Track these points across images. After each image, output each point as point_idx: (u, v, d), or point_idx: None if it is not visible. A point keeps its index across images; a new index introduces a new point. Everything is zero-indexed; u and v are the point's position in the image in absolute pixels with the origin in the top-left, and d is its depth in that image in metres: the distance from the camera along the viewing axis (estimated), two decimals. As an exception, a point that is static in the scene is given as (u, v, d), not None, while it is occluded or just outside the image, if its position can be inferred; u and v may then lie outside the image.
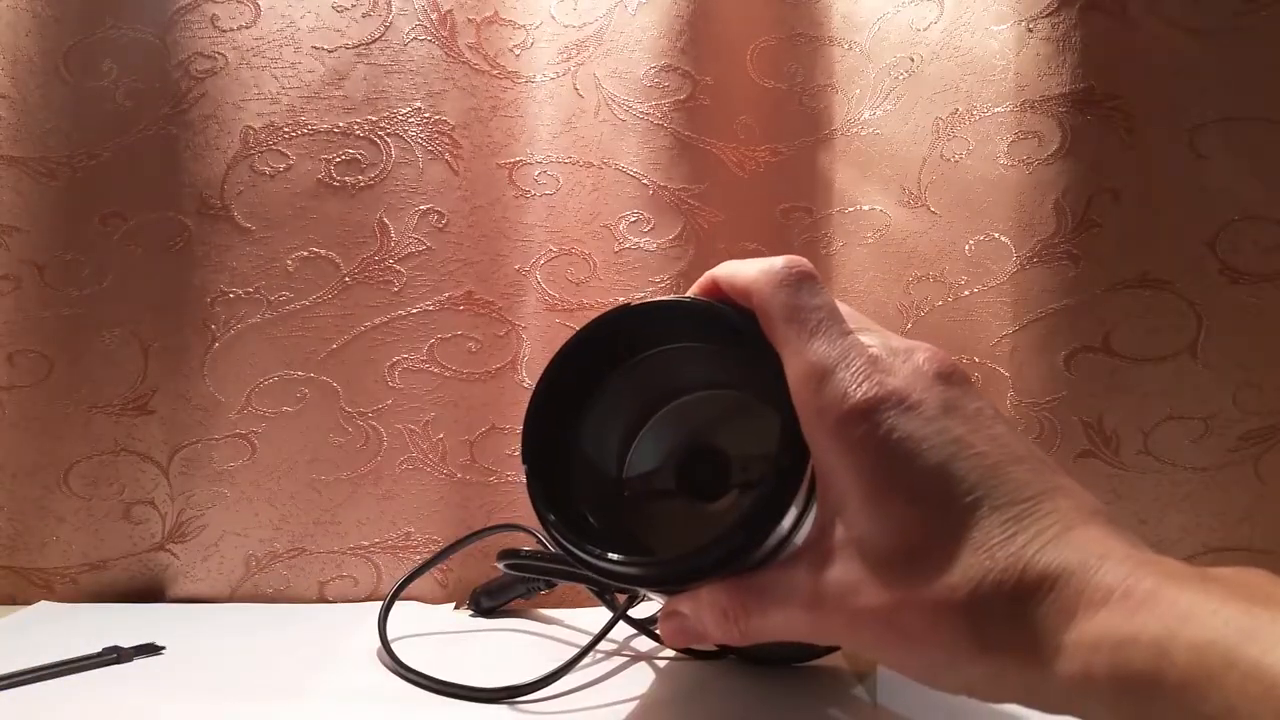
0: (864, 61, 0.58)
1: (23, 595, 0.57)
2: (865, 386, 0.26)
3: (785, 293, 0.28)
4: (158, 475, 0.57)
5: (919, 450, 0.25)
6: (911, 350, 0.27)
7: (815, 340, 0.27)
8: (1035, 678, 0.23)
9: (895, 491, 0.25)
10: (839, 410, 0.26)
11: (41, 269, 0.56)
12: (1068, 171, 0.52)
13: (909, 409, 0.25)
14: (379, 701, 0.40)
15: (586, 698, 0.40)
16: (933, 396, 0.26)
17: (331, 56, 0.56)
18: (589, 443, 0.33)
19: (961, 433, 0.25)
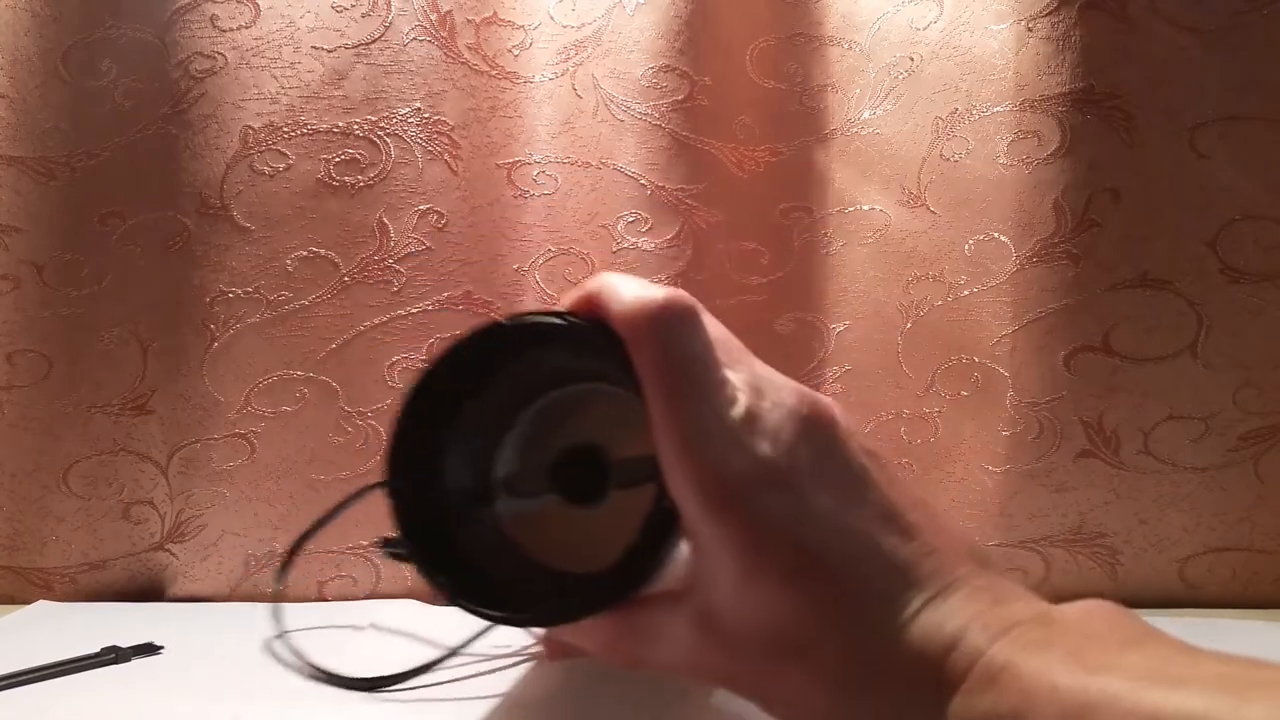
0: (864, 61, 0.57)
1: (22, 595, 0.57)
2: (735, 461, 0.25)
3: (658, 339, 0.26)
4: (157, 475, 0.57)
5: (788, 533, 0.24)
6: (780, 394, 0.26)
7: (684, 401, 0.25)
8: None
9: (765, 572, 0.24)
10: (708, 485, 0.25)
11: (40, 269, 0.56)
12: (1067, 171, 0.52)
13: (776, 483, 0.25)
14: (377, 702, 0.40)
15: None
16: (800, 460, 0.25)
17: (331, 56, 0.56)
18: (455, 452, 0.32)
19: (827, 504, 0.25)
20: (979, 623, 0.23)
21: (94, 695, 0.40)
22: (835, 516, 0.25)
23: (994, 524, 0.53)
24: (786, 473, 0.25)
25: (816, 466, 0.26)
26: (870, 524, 0.25)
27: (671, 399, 0.25)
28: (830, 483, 0.25)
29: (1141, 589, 0.53)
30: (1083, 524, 0.53)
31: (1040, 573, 0.54)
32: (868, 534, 0.25)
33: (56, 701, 0.40)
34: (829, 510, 0.25)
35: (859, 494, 0.26)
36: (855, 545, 0.25)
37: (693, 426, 0.25)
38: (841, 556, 0.24)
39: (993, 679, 0.22)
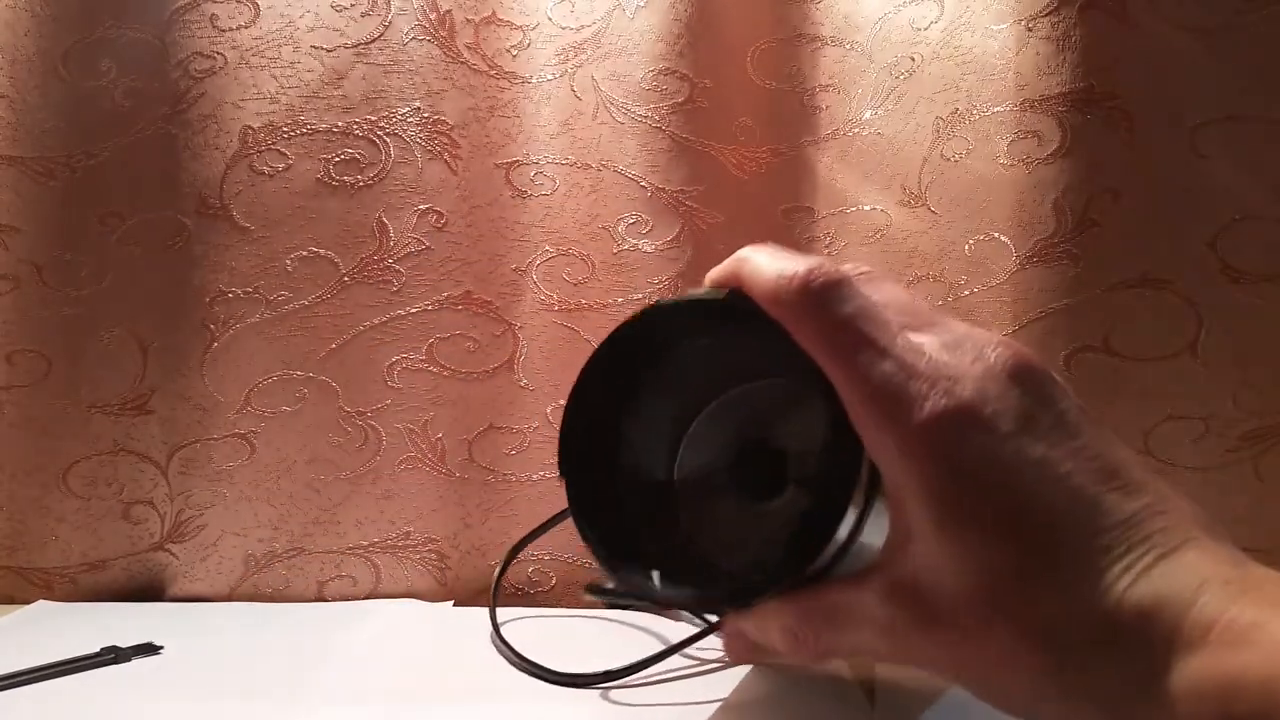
0: (865, 61, 0.57)
1: (21, 595, 0.57)
2: (930, 401, 0.23)
3: (812, 312, 0.25)
4: (156, 475, 0.57)
5: (995, 475, 0.23)
6: (980, 347, 0.24)
7: (857, 356, 0.24)
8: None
9: (970, 522, 0.23)
10: (901, 431, 0.23)
11: (40, 269, 0.56)
12: (1068, 171, 0.52)
13: (982, 426, 0.23)
14: (378, 701, 0.40)
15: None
16: (1009, 406, 0.23)
17: (330, 56, 0.56)
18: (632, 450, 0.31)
19: (1041, 453, 0.23)
20: (1218, 581, 0.21)
21: (94, 695, 0.40)
22: (1050, 465, 0.23)
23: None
24: (992, 416, 0.23)
25: (1027, 413, 0.23)
26: (1090, 476, 0.23)
27: (843, 358, 0.24)
28: (1044, 431, 0.23)
29: (1141, 589, 0.53)
30: (1083, 524, 0.53)
31: (1040, 573, 0.54)
32: (1087, 486, 0.23)
33: (56, 702, 0.40)
34: (1042, 458, 0.23)
35: (1076, 445, 0.23)
36: (1073, 496, 0.23)
37: (875, 376, 0.23)
38: (1057, 506, 0.22)
39: (1241, 636, 0.20)
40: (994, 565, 0.22)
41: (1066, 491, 0.23)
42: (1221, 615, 0.20)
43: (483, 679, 0.43)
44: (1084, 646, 0.22)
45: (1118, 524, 0.22)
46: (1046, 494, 0.23)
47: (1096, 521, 0.22)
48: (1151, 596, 0.21)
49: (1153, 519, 0.23)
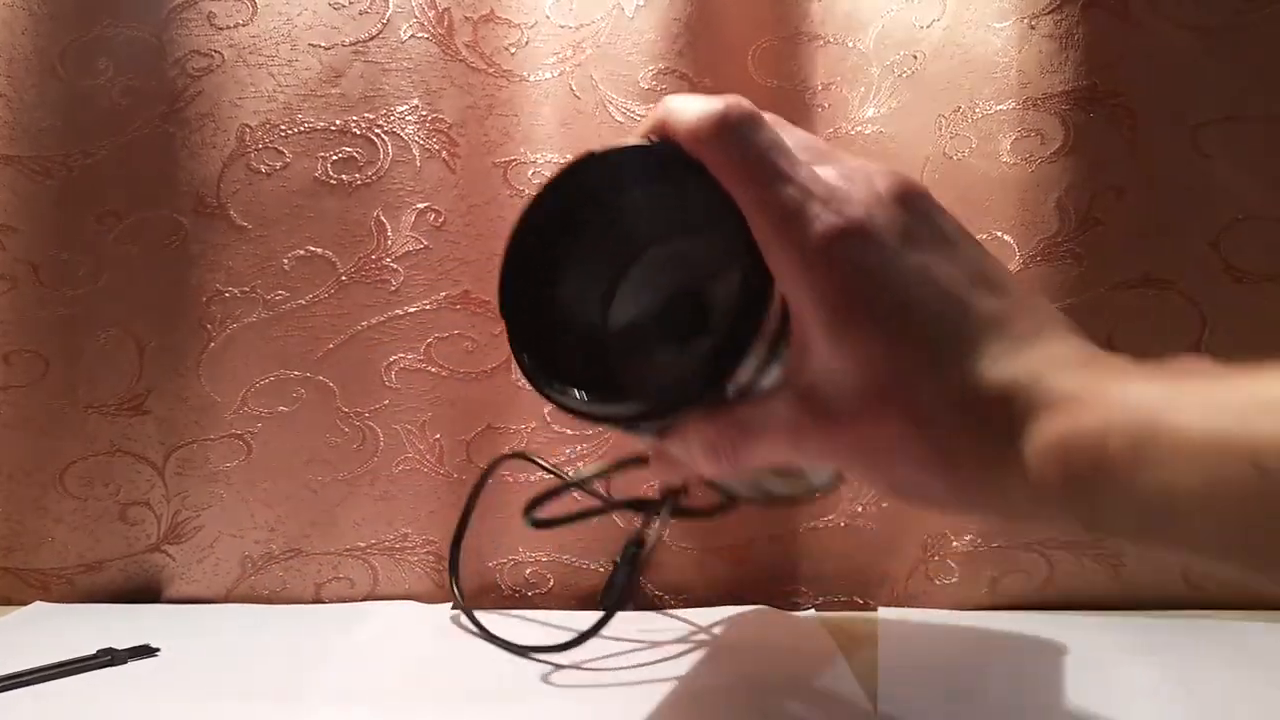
0: (867, 60, 0.57)
1: (18, 596, 0.56)
2: (824, 219, 0.26)
3: (728, 140, 0.27)
4: (153, 476, 0.57)
5: (879, 281, 0.25)
6: (869, 174, 0.27)
7: (766, 182, 0.26)
8: (993, 492, 0.24)
9: (858, 324, 0.25)
10: (799, 246, 0.26)
11: (37, 268, 0.56)
12: (1070, 169, 0.52)
13: (868, 239, 0.26)
14: (375, 703, 0.40)
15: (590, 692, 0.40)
16: (892, 222, 0.26)
17: (328, 54, 0.56)
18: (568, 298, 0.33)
19: (920, 261, 0.26)
20: (1065, 360, 0.24)
21: (90, 697, 0.40)
22: (927, 271, 0.26)
23: (997, 526, 0.53)
24: (878, 231, 0.26)
25: (910, 229, 0.26)
26: (963, 280, 0.26)
27: (753, 184, 0.26)
28: (924, 242, 0.26)
29: (1144, 590, 0.53)
30: (1085, 525, 0.53)
31: (1044, 573, 0.53)
32: (961, 288, 0.26)
33: (52, 704, 0.40)
34: (922, 265, 0.26)
35: (952, 254, 0.26)
36: (947, 297, 0.25)
37: (779, 198, 0.26)
38: (932, 307, 0.25)
39: (1081, 402, 0.22)
40: (878, 363, 0.25)
41: (941, 293, 0.25)
42: (1066, 388, 0.23)
43: (482, 680, 0.43)
44: (954, 428, 0.24)
45: (984, 318, 0.25)
46: (924, 296, 0.25)
47: (966, 317, 0.25)
48: (1009, 377, 0.24)
49: (1015, 313, 0.26)
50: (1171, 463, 0.20)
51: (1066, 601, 0.53)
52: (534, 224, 0.32)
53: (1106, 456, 0.21)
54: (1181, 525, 0.20)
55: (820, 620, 0.51)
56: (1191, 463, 0.19)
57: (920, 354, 0.25)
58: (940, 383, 0.25)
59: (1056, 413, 0.23)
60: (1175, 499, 0.20)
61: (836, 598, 0.57)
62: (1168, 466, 0.20)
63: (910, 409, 0.25)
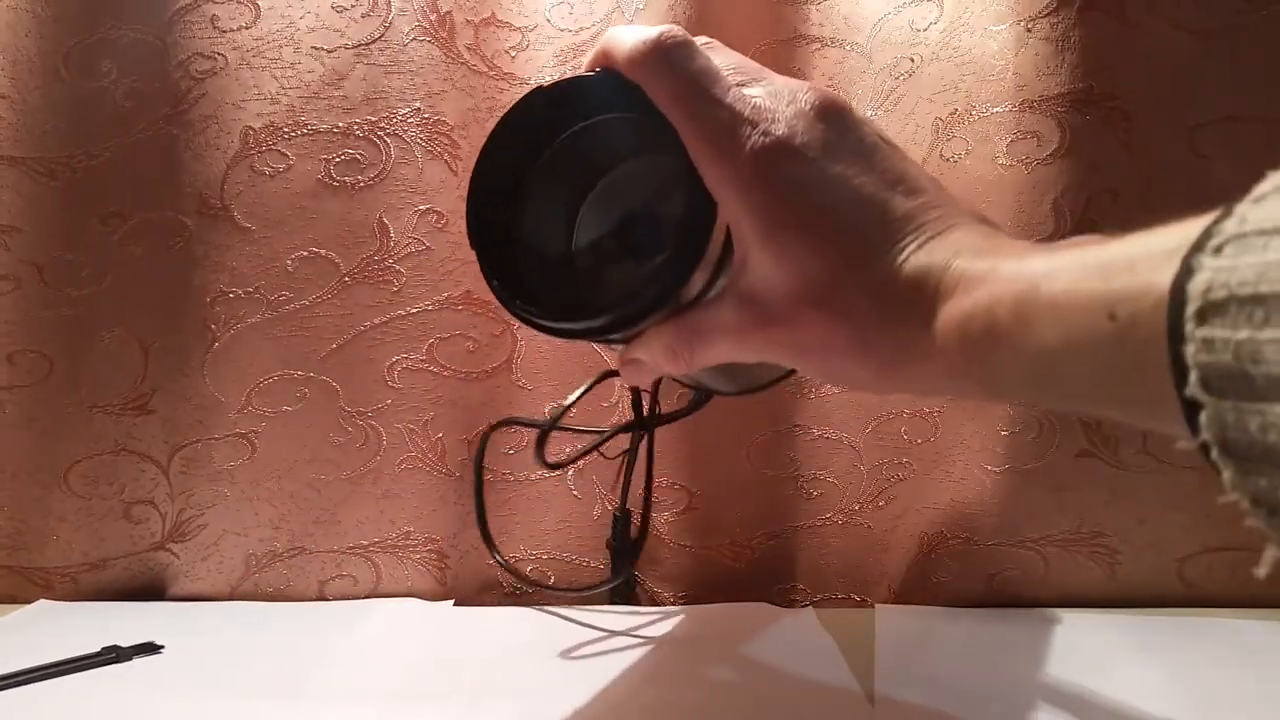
0: (865, 62, 0.57)
1: (23, 594, 0.57)
2: (752, 139, 0.28)
3: (661, 66, 0.29)
4: (158, 475, 0.57)
5: (804, 192, 0.28)
6: (794, 92, 0.29)
7: (697, 106, 0.28)
8: (912, 371, 0.27)
9: (786, 232, 0.28)
10: (731, 165, 0.28)
11: (41, 269, 0.56)
12: (1067, 171, 0.52)
13: (792, 154, 0.28)
14: (378, 699, 0.40)
15: (582, 681, 0.40)
16: (814, 137, 0.28)
17: (331, 57, 0.56)
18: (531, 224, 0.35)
19: (840, 170, 0.28)
20: (968, 248, 0.26)
21: (95, 695, 0.41)
22: (848, 179, 0.28)
23: (993, 524, 0.53)
24: (802, 146, 0.28)
25: (831, 142, 0.28)
26: (880, 186, 0.28)
27: (686, 104, 0.28)
28: (844, 154, 0.28)
29: (1140, 588, 0.53)
30: (1081, 523, 0.53)
31: (1040, 572, 0.54)
32: (877, 193, 0.28)
33: (57, 701, 0.40)
34: (842, 175, 0.28)
35: (870, 162, 0.28)
36: (865, 202, 0.28)
37: (711, 121, 0.28)
38: (853, 211, 0.27)
39: (977, 282, 0.25)
40: (805, 266, 0.28)
41: (860, 198, 0.28)
42: (967, 270, 0.25)
43: (483, 678, 0.43)
44: (873, 319, 0.27)
45: (899, 217, 0.27)
46: (845, 201, 0.28)
47: (883, 217, 0.27)
48: (919, 269, 0.26)
49: (927, 211, 0.28)
50: (1047, 323, 0.22)
51: (1062, 599, 0.53)
52: (493, 158, 0.34)
53: (995, 324, 0.23)
54: (1060, 379, 0.22)
55: (818, 617, 0.52)
56: (1062, 320, 0.21)
57: (841, 255, 0.27)
58: (859, 279, 0.27)
59: (958, 294, 0.25)
60: (1051, 355, 0.22)
61: (834, 594, 0.57)
62: (1044, 326, 0.22)
63: (834, 306, 0.27)
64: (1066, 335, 0.21)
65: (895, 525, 0.56)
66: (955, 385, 0.27)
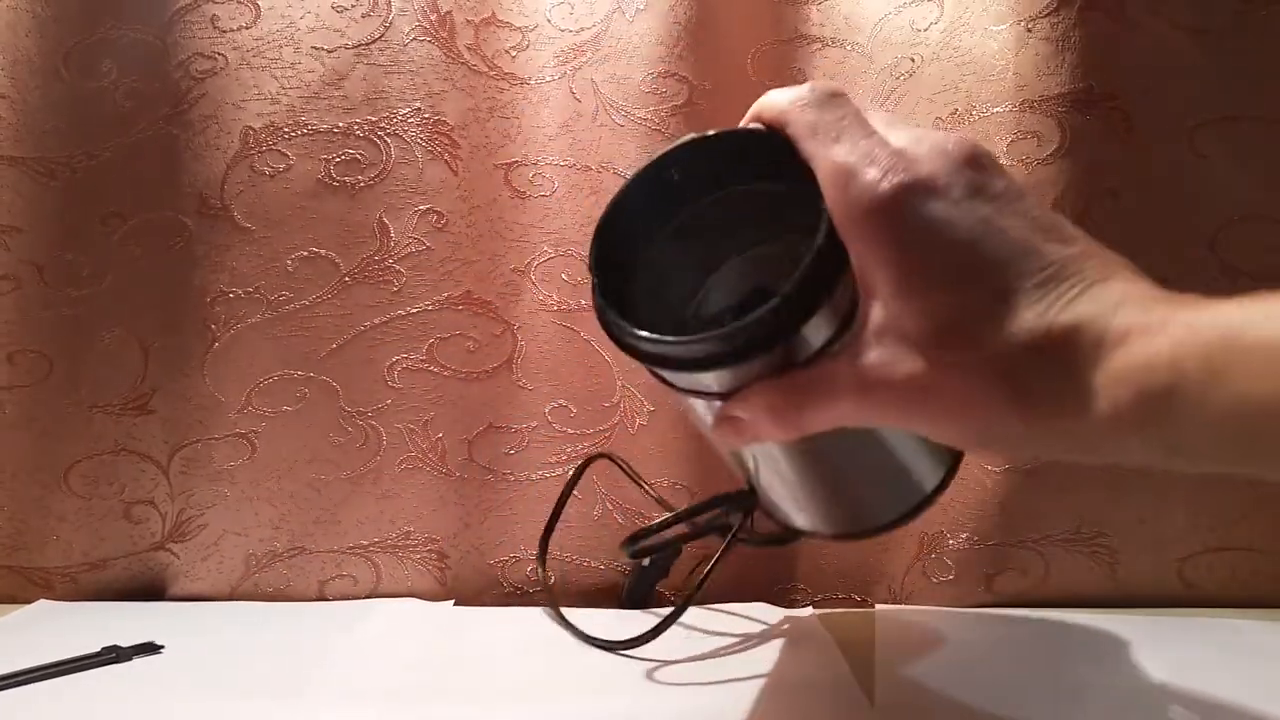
0: (865, 62, 0.57)
1: (23, 594, 0.57)
2: (891, 177, 0.26)
3: (809, 112, 0.28)
4: (158, 475, 0.57)
5: (947, 233, 0.26)
6: (939, 138, 0.28)
7: (838, 146, 0.27)
8: (1071, 425, 0.24)
9: (926, 274, 0.26)
10: (866, 203, 0.26)
11: (41, 269, 0.56)
12: (1067, 171, 0.52)
13: (935, 194, 0.26)
14: (378, 699, 0.40)
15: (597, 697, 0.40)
16: (959, 180, 0.26)
17: (331, 57, 0.56)
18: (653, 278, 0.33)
19: (988, 213, 0.26)
20: (1136, 297, 0.24)
21: (95, 695, 0.41)
22: (994, 222, 0.26)
23: (994, 524, 0.53)
24: (945, 187, 0.26)
25: (977, 183, 0.27)
26: (1031, 230, 0.26)
27: (827, 146, 0.27)
28: (991, 196, 0.27)
29: (1140, 589, 0.53)
30: (1081, 524, 0.53)
31: (1040, 572, 0.54)
32: (1028, 238, 0.26)
33: (57, 701, 0.40)
34: (988, 216, 0.26)
35: (1020, 207, 0.27)
36: (1015, 246, 0.26)
37: (846, 162, 0.27)
38: (999, 255, 0.25)
39: (1153, 331, 0.23)
40: (945, 313, 0.26)
41: (1009, 243, 0.26)
42: (1138, 320, 0.23)
43: (483, 679, 0.43)
44: (1027, 368, 0.25)
45: (1053, 264, 0.25)
46: (991, 246, 0.26)
47: (1034, 264, 0.25)
48: (1079, 315, 0.24)
49: (1084, 259, 0.26)
50: (1246, 375, 0.20)
51: (1062, 599, 0.53)
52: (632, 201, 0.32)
53: (1181, 376, 0.21)
54: (1260, 436, 0.20)
55: (818, 618, 0.51)
56: (1266, 373, 0.19)
57: (988, 299, 0.25)
58: (1011, 325, 0.25)
59: (1130, 342, 0.23)
60: (1252, 410, 0.20)
61: (834, 595, 0.57)
62: (1242, 379, 0.20)
63: (982, 353, 0.25)
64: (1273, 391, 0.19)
65: (895, 525, 0.56)
66: (1122, 446, 0.24)
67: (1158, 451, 0.23)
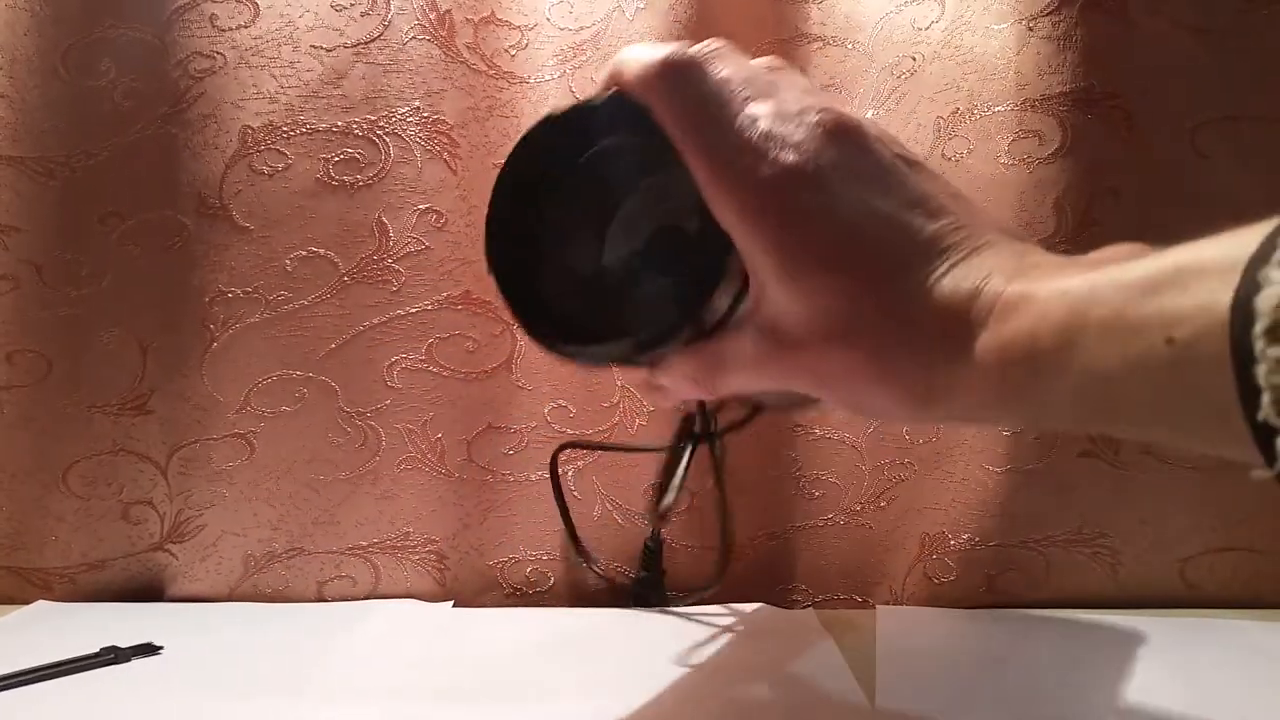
0: (866, 61, 0.57)
1: (21, 595, 0.57)
2: (764, 168, 0.26)
3: (667, 89, 0.28)
4: (156, 475, 0.57)
5: (819, 221, 0.26)
6: (803, 111, 0.28)
7: (703, 136, 0.27)
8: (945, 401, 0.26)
9: (803, 266, 0.26)
10: (739, 198, 0.27)
11: (40, 269, 0.56)
12: (1068, 170, 0.52)
13: (805, 182, 0.26)
14: (377, 700, 0.40)
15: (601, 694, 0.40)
16: (826, 161, 0.27)
17: (330, 56, 0.56)
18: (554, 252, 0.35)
19: (856, 194, 0.27)
20: (999, 271, 0.25)
21: (93, 695, 0.40)
22: (864, 204, 0.26)
23: (994, 524, 0.53)
24: (814, 174, 0.26)
25: (844, 166, 0.27)
26: (899, 209, 0.27)
27: (694, 134, 0.27)
28: (859, 178, 0.27)
29: (1142, 589, 0.53)
30: (1083, 524, 0.53)
31: (1041, 573, 0.54)
32: (897, 216, 0.26)
33: (56, 702, 0.40)
34: (858, 200, 0.26)
35: (888, 184, 0.27)
36: (885, 227, 0.26)
37: (718, 153, 0.27)
38: (872, 239, 0.26)
39: (1012, 308, 0.23)
40: (826, 297, 0.26)
41: (880, 222, 0.26)
42: (1000, 295, 0.24)
43: (482, 679, 0.43)
44: (900, 349, 0.26)
45: (922, 241, 0.26)
46: (865, 228, 0.26)
47: (905, 242, 0.26)
48: (948, 295, 0.25)
49: (953, 233, 0.26)
50: (1096, 349, 0.21)
51: (1063, 600, 0.53)
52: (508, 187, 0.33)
53: (1038, 352, 0.22)
54: (1110, 405, 0.21)
55: (819, 618, 0.51)
56: (1111, 345, 0.20)
57: (861, 284, 0.26)
58: (882, 307, 0.26)
59: (993, 321, 0.24)
60: (1101, 381, 0.21)
61: (835, 595, 0.57)
62: (1093, 353, 0.21)
63: (857, 336, 0.26)
64: (1119, 361, 0.20)
65: (897, 526, 0.56)
66: (993, 415, 0.25)
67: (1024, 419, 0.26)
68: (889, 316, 0.26)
